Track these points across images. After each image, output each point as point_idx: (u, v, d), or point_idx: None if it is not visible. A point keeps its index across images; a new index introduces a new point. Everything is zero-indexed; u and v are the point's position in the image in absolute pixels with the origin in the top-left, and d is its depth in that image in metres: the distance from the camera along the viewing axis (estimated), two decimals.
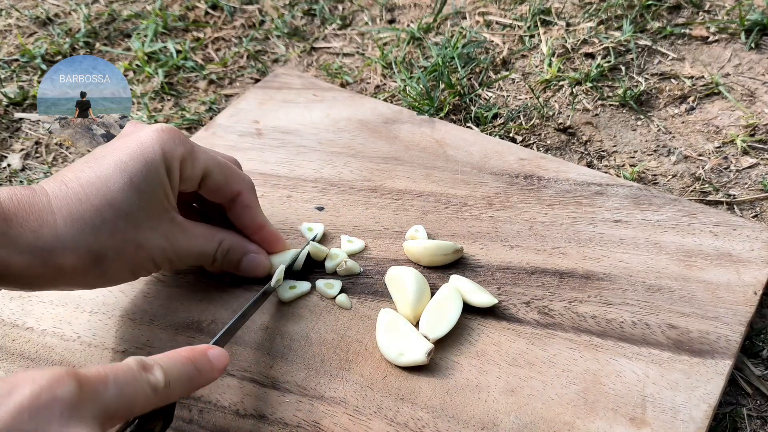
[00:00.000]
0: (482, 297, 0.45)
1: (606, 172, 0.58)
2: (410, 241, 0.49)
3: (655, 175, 0.59)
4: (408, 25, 0.76)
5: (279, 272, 0.46)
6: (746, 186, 0.57)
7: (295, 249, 0.48)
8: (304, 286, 0.47)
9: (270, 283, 0.45)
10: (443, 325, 0.44)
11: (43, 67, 0.74)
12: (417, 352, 0.42)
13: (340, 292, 0.47)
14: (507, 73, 0.69)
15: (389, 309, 0.45)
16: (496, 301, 0.45)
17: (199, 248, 0.44)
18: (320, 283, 0.47)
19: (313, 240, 0.50)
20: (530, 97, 0.66)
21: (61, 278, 0.38)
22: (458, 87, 0.66)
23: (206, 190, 0.44)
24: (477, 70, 0.70)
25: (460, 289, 0.46)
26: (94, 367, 0.31)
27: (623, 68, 0.69)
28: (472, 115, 0.64)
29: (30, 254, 0.37)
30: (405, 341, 0.43)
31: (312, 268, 0.49)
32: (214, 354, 0.37)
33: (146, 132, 0.41)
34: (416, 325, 0.45)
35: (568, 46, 0.71)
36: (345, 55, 0.74)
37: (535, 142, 0.62)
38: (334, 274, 0.48)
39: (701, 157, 0.60)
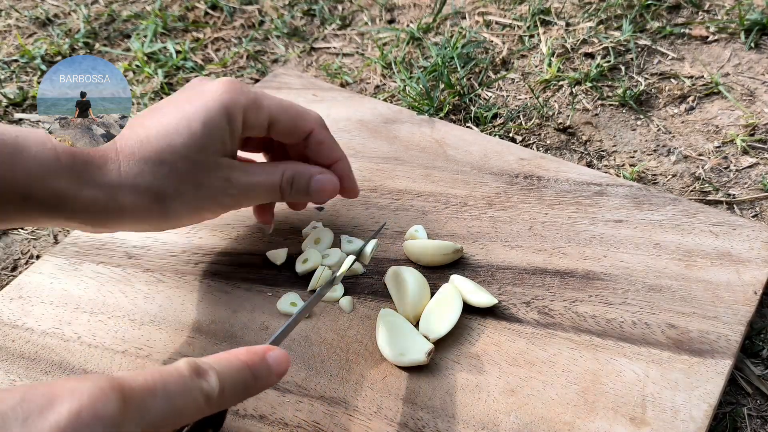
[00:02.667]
0: (482, 297, 0.45)
1: (606, 172, 0.58)
2: (410, 241, 0.49)
3: (654, 174, 0.59)
4: (408, 25, 0.76)
5: (347, 262, 0.45)
6: (746, 186, 0.57)
7: (359, 241, 0.49)
8: (337, 290, 0.47)
9: (335, 274, 0.46)
10: (443, 325, 0.44)
11: (43, 67, 0.73)
12: (417, 352, 0.42)
13: (343, 295, 0.47)
14: (506, 73, 0.69)
15: (389, 309, 0.45)
16: (495, 301, 0.45)
17: (263, 181, 0.44)
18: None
19: (375, 237, 0.49)
20: (530, 97, 0.66)
21: (127, 215, 0.40)
22: (458, 87, 0.66)
23: (277, 133, 0.45)
24: (477, 70, 0.70)
25: (460, 289, 0.46)
26: (142, 374, 0.29)
27: (623, 68, 0.69)
28: (472, 115, 0.64)
29: (95, 188, 0.39)
30: (405, 341, 0.43)
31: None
32: (273, 357, 0.34)
33: (209, 85, 0.43)
34: (416, 325, 0.45)
35: (568, 46, 0.71)
36: (345, 55, 0.74)
37: (534, 142, 0.62)
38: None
39: (701, 157, 0.60)
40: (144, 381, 0.28)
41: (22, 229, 0.58)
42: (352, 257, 0.46)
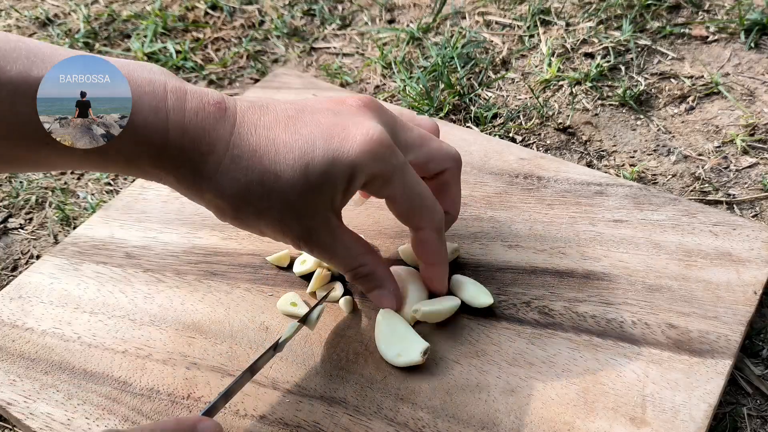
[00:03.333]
0: (480, 297, 0.45)
1: (606, 172, 0.58)
2: (407, 245, 0.49)
3: (654, 174, 0.59)
4: (407, 25, 0.76)
5: (290, 329, 0.43)
6: (746, 185, 0.57)
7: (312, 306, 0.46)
8: (337, 290, 0.47)
9: (279, 338, 0.42)
10: (437, 306, 0.44)
11: None
12: (413, 352, 0.42)
13: (342, 295, 0.47)
14: (506, 73, 0.69)
15: (387, 310, 0.45)
16: (491, 301, 0.45)
17: (339, 257, 0.41)
18: (321, 289, 0.47)
19: (332, 300, 0.48)
20: (530, 97, 0.66)
21: (201, 201, 0.38)
22: (458, 87, 0.66)
23: (389, 208, 0.42)
24: (477, 70, 0.70)
25: (460, 288, 0.46)
26: None
27: (623, 68, 0.69)
28: (472, 115, 0.64)
29: (187, 174, 0.36)
30: (402, 342, 0.43)
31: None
32: (204, 428, 0.34)
33: (359, 124, 0.38)
34: (414, 325, 0.45)
35: (568, 46, 0.71)
36: (345, 55, 0.74)
37: (535, 142, 0.62)
38: (339, 278, 0.49)
39: (701, 157, 0.60)
40: None
41: (21, 228, 0.59)
42: (295, 323, 0.43)
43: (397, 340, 0.43)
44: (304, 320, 0.44)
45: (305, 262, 0.48)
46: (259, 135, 0.37)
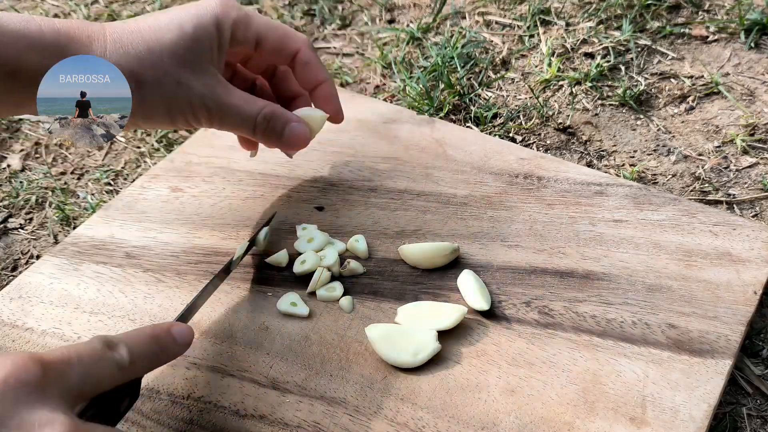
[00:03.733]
0: (477, 302, 0.45)
1: (606, 172, 0.58)
2: (407, 246, 0.49)
3: (654, 174, 0.59)
4: (407, 25, 0.76)
5: (241, 248, 0.47)
6: (746, 185, 0.57)
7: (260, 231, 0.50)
8: (337, 290, 0.47)
9: (232, 258, 0.47)
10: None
11: None
12: (428, 342, 0.42)
13: (343, 295, 0.47)
14: (506, 72, 0.69)
15: (373, 325, 0.44)
16: (487, 307, 0.45)
17: (240, 107, 0.44)
18: (321, 289, 0.47)
19: (267, 225, 0.50)
20: (530, 97, 0.66)
21: None
22: (458, 87, 0.66)
23: (264, 51, 0.46)
24: (477, 70, 0.70)
25: (462, 286, 0.46)
26: (59, 349, 0.32)
27: (623, 68, 0.69)
28: (472, 115, 0.64)
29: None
30: (410, 341, 0.43)
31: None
32: (177, 331, 0.38)
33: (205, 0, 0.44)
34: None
35: (568, 46, 0.71)
36: (344, 55, 0.74)
37: (534, 142, 0.62)
38: (339, 277, 0.48)
39: (701, 157, 0.60)
40: (61, 354, 0.32)
41: (21, 228, 0.59)
42: (246, 243, 0.47)
43: (404, 342, 0.43)
44: (252, 241, 0.49)
45: (305, 262, 0.48)
46: (130, 24, 0.42)
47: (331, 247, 0.49)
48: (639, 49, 0.70)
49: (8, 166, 0.64)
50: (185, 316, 0.42)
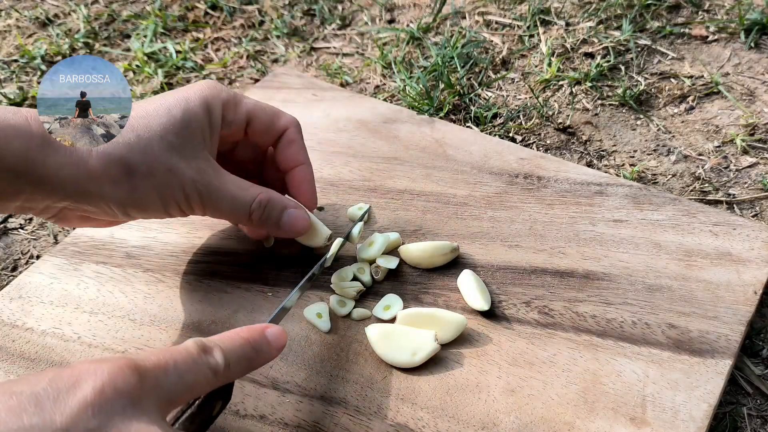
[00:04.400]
0: (477, 302, 0.45)
1: (606, 172, 0.58)
2: (407, 246, 0.49)
3: (654, 174, 0.59)
4: (407, 25, 0.76)
5: (336, 245, 0.45)
6: (746, 185, 0.57)
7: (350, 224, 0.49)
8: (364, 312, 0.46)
9: (326, 256, 0.46)
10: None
11: (43, 67, 0.74)
12: (427, 343, 0.42)
13: (353, 308, 0.46)
14: (506, 72, 0.69)
15: (372, 325, 0.44)
16: (487, 307, 0.45)
17: (234, 195, 0.43)
18: (333, 300, 0.47)
19: (361, 220, 0.49)
20: (530, 97, 0.66)
21: (94, 185, 0.39)
22: (458, 87, 0.66)
23: (253, 132, 0.45)
24: (476, 69, 0.70)
25: (463, 285, 0.46)
26: (154, 353, 0.31)
27: (623, 68, 0.69)
28: (472, 115, 0.64)
29: (65, 154, 0.38)
30: (409, 341, 0.43)
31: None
32: (271, 333, 0.37)
33: (191, 84, 0.44)
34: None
35: (568, 46, 0.71)
36: (344, 55, 0.74)
37: (534, 142, 0.62)
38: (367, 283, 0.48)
39: (701, 157, 0.60)
40: (157, 360, 0.31)
41: (21, 228, 0.59)
42: (340, 239, 0.46)
43: (403, 342, 0.43)
44: (347, 237, 0.48)
45: (372, 244, 0.49)
46: None
47: (380, 235, 0.49)
48: (639, 49, 0.70)
49: None
50: (277, 318, 0.41)
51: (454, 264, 0.49)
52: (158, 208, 0.42)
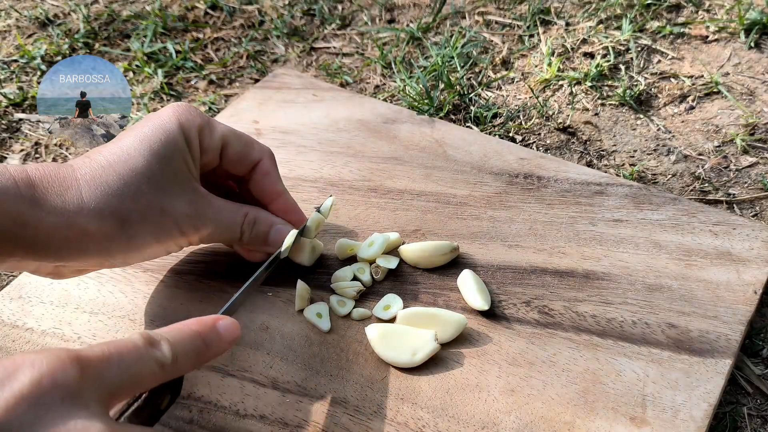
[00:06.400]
0: (477, 301, 0.45)
1: (606, 172, 0.58)
2: (407, 245, 0.49)
3: (654, 174, 0.59)
4: (407, 25, 0.76)
5: (290, 237, 0.45)
6: (746, 185, 0.57)
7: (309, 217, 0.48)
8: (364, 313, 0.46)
9: (280, 249, 0.45)
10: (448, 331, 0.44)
11: (43, 67, 0.74)
12: (427, 343, 0.42)
13: (352, 308, 0.46)
14: (507, 72, 0.69)
15: (372, 325, 0.44)
16: (486, 307, 0.45)
17: (225, 218, 0.43)
18: (333, 300, 0.47)
19: (318, 210, 0.48)
20: (530, 97, 0.66)
21: (89, 243, 0.38)
22: (458, 87, 0.66)
23: (227, 160, 0.44)
24: (476, 69, 0.70)
25: (463, 285, 0.46)
26: (99, 345, 0.30)
27: (623, 68, 0.69)
28: (472, 115, 0.64)
29: (56, 215, 0.37)
30: (409, 340, 0.43)
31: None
32: (223, 325, 0.36)
33: (163, 110, 0.42)
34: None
35: (568, 46, 0.71)
36: (344, 55, 0.74)
37: (534, 142, 0.62)
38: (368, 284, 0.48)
39: (701, 157, 0.60)
40: (100, 352, 0.30)
41: None
42: (294, 231, 0.45)
43: (403, 342, 0.43)
44: (301, 231, 0.47)
45: (372, 244, 0.49)
46: (97, 159, 0.39)
47: (380, 235, 0.49)
48: (639, 49, 0.70)
49: None
50: (231, 310, 0.40)
51: (454, 264, 0.49)
52: (156, 248, 0.42)
